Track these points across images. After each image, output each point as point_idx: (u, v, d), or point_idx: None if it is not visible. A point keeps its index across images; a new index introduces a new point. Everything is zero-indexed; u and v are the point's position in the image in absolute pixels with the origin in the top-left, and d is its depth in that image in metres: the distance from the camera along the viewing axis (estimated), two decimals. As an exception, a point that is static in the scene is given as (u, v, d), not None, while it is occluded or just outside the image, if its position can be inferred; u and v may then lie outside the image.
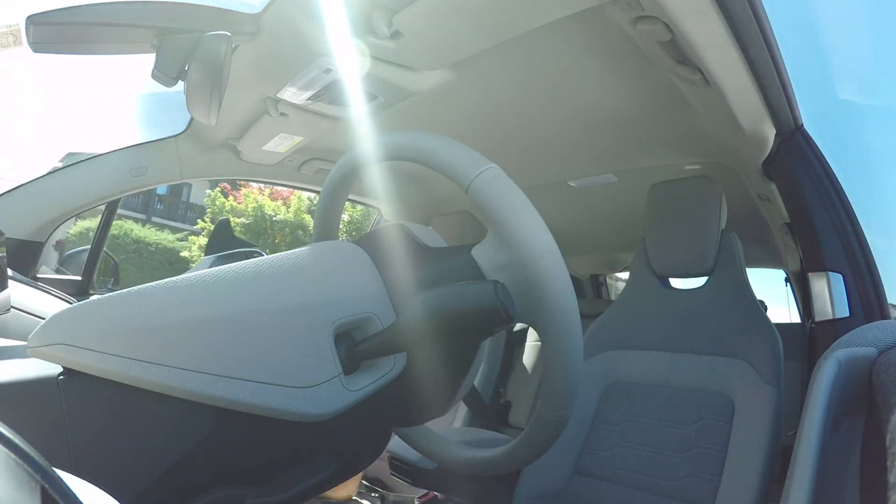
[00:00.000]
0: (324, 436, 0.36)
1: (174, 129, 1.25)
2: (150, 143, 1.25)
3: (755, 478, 0.79)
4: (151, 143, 1.25)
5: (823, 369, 0.42)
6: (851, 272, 0.89)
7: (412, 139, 0.45)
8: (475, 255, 0.43)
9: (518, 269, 0.40)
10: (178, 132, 1.26)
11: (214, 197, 9.53)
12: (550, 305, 0.39)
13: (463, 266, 0.42)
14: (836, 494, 0.40)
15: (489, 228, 0.42)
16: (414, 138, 0.44)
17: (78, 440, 0.27)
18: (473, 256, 0.43)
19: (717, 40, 0.73)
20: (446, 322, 0.35)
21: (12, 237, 1.08)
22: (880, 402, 0.36)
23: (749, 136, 0.97)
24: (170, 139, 1.26)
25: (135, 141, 1.23)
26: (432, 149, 0.43)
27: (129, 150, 1.23)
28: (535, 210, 0.40)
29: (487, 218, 0.41)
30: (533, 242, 0.39)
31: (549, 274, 0.39)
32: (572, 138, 1.24)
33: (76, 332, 0.28)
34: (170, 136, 1.26)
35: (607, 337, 1.10)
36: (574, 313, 0.40)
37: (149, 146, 1.25)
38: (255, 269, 0.35)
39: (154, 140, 1.26)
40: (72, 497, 0.15)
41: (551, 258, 0.39)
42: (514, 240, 0.39)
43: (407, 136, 0.45)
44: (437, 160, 0.43)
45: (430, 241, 0.46)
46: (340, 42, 0.86)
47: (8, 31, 0.80)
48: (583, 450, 1.00)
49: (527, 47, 0.88)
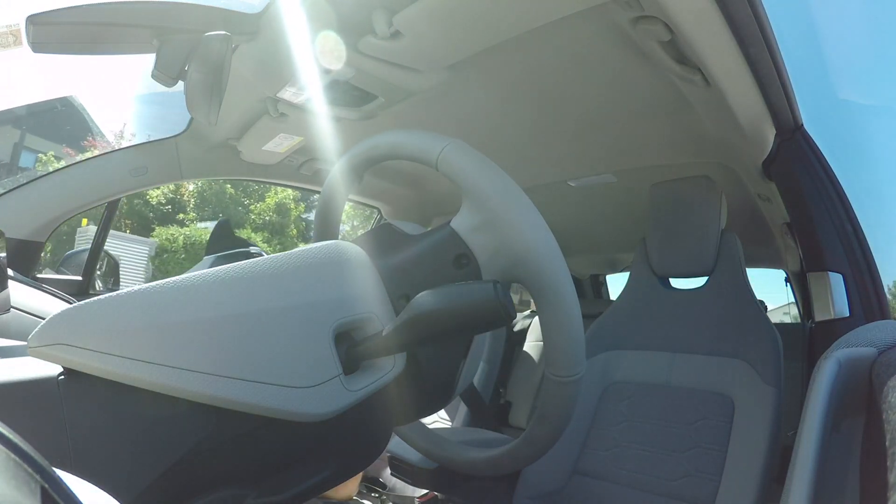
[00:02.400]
0: (324, 436, 0.36)
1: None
2: (150, 143, 1.25)
3: (755, 478, 0.79)
4: (151, 143, 1.25)
5: (823, 369, 0.42)
6: (851, 272, 0.89)
7: (379, 139, 0.48)
8: (453, 224, 0.44)
9: (495, 227, 0.41)
10: (178, 132, 1.26)
11: (47, 161, 8.10)
12: (534, 256, 0.40)
13: (444, 238, 0.43)
14: (836, 494, 0.40)
15: (463, 196, 0.44)
16: (380, 138, 0.48)
17: (78, 440, 0.27)
18: (452, 226, 0.44)
19: (717, 40, 0.73)
20: (446, 321, 0.35)
21: (12, 237, 1.09)
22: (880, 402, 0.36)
23: (749, 136, 0.97)
24: (170, 139, 1.26)
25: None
26: (397, 141, 0.47)
27: (129, 150, 1.23)
28: (502, 171, 0.42)
29: (458, 185, 0.43)
30: (504, 197, 0.40)
31: (527, 224, 0.40)
32: (572, 138, 1.24)
33: (76, 332, 0.28)
34: (170, 136, 1.26)
35: (607, 337, 1.10)
36: (560, 262, 0.41)
37: (149, 146, 1.25)
38: (254, 269, 0.35)
39: (154, 140, 1.26)
40: (72, 497, 0.15)
41: (525, 209, 0.40)
42: (484, 198, 0.41)
43: (375, 139, 0.49)
44: (404, 149, 0.46)
45: (415, 231, 0.47)
46: (340, 42, 0.86)
47: (8, 31, 0.81)
48: (582, 449, 1.00)
49: (527, 47, 0.88)
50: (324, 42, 0.84)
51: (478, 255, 0.42)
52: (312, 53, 0.88)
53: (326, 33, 0.84)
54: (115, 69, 13.08)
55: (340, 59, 0.90)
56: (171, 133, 1.26)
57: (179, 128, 1.25)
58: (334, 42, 0.86)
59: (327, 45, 0.85)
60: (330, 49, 0.87)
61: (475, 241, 0.43)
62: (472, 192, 0.42)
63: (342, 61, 0.90)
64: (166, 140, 1.26)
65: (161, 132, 1.26)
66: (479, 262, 0.42)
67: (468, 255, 0.43)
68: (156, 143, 1.25)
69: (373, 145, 0.49)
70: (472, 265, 0.42)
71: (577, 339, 0.42)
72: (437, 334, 0.35)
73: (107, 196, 1.22)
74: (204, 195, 10.71)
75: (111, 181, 1.20)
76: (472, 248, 0.43)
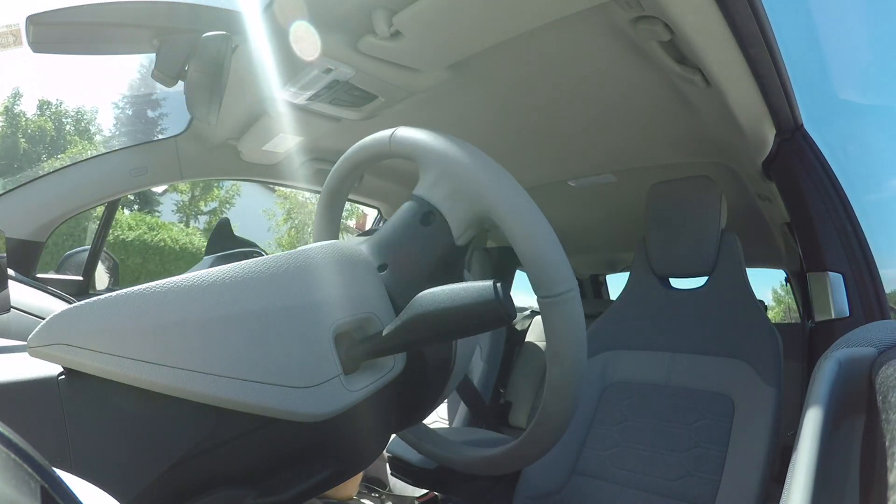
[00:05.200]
0: (324, 436, 0.36)
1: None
2: (150, 143, 1.25)
3: (755, 478, 0.79)
4: (151, 143, 1.25)
5: (823, 369, 0.42)
6: (851, 272, 0.89)
7: (347, 153, 0.53)
8: (415, 192, 0.47)
9: (449, 175, 0.44)
10: (179, 132, 1.26)
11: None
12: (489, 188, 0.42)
13: (409, 206, 0.46)
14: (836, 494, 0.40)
15: (419, 166, 0.47)
16: (348, 152, 0.53)
17: (78, 440, 0.27)
18: (413, 193, 0.47)
19: (717, 40, 0.73)
20: (446, 321, 0.35)
21: (12, 237, 1.08)
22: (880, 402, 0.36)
23: (749, 136, 0.97)
24: (170, 139, 1.26)
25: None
26: (356, 147, 0.52)
27: (129, 150, 1.23)
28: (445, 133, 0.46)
29: (412, 158, 0.47)
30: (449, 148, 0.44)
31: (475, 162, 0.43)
32: (572, 138, 1.24)
33: (76, 332, 0.28)
34: (170, 136, 1.26)
35: (607, 337, 1.10)
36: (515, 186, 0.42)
37: (149, 146, 1.25)
38: (254, 269, 0.35)
39: (154, 140, 1.26)
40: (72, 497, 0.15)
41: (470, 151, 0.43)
42: (434, 155, 0.45)
43: (345, 155, 0.54)
44: (364, 152, 0.51)
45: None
46: (340, 42, 0.86)
47: (8, 31, 0.81)
48: (582, 449, 1.00)
49: (527, 47, 0.88)
50: (324, 42, 0.84)
51: (441, 207, 0.45)
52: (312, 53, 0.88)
53: (326, 33, 0.84)
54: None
55: (340, 58, 0.89)
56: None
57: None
58: (334, 42, 0.86)
59: (327, 44, 0.85)
60: (330, 49, 0.86)
61: (435, 195, 0.45)
62: (422, 155, 0.46)
63: (342, 61, 0.90)
64: (166, 140, 1.26)
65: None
66: (443, 213, 0.44)
67: (433, 212, 0.45)
68: (155, 143, 1.25)
69: (344, 158, 0.53)
70: (438, 218, 0.45)
71: (556, 252, 0.41)
72: (438, 334, 0.35)
73: (107, 196, 1.21)
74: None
75: (111, 181, 1.20)
76: (434, 204, 0.45)
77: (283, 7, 0.81)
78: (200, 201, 12.28)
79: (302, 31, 0.82)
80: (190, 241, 9.84)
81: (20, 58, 2.38)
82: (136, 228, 9.03)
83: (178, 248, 9.47)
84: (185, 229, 10.72)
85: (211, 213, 12.52)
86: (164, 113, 14.23)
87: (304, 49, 0.84)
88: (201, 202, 12.32)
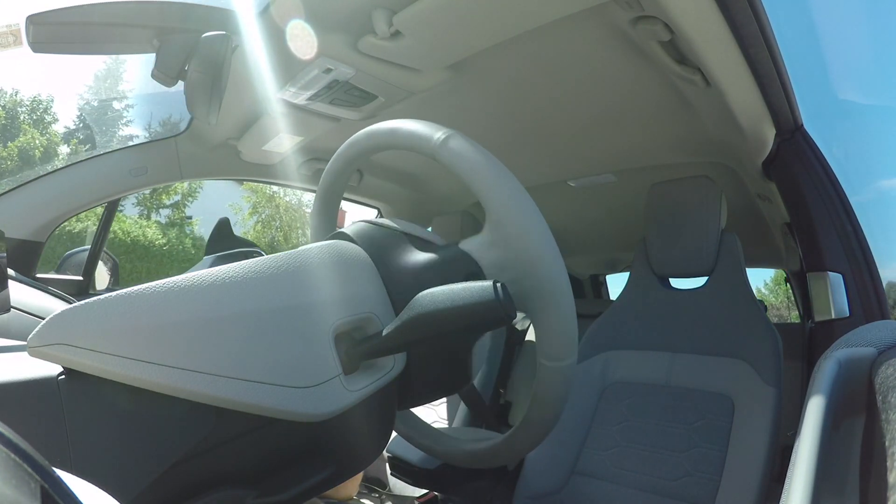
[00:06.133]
0: (324, 436, 0.36)
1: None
2: (150, 143, 1.25)
3: (755, 478, 0.79)
4: (151, 143, 1.25)
5: (823, 369, 0.42)
6: (851, 272, 0.89)
7: (377, 128, 0.49)
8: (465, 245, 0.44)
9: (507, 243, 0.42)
10: (179, 132, 1.26)
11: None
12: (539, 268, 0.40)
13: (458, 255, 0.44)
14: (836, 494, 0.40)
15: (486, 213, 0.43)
16: (378, 126, 0.49)
17: (78, 440, 0.27)
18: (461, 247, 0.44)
19: (717, 40, 0.73)
20: (447, 321, 0.35)
21: (12, 237, 1.08)
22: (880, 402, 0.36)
23: (749, 136, 0.97)
24: (170, 139, 1.26)
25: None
26: (394, 127, 0.47)
27: (128, 150, 1.22)
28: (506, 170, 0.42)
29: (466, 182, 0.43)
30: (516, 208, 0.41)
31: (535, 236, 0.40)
32: (572, 138, 1.24)
33: (76, 332, 0.28)
34: (170, 136, 1.26)
35: (607, 337, 1.10)
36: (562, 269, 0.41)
37: (149, 146, 1.24)
38: (254, 269, 0.35)
39: (154, 140, 1.26)
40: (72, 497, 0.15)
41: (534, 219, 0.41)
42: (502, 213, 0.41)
43: (372, 129, 0.49)
44: (399, 137, 0.47)
45: (435, 239, 0.47)
46: (340, 42, 0.86)
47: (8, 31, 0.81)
48: (582, 450, 1.00)
49: (527, 47, 0.88)
50: (323, 42, 0.84)
51: (487, 271, 0.43)
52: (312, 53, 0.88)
53: (326, 33, 0.84)
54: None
55: (340, 58, 0.89)
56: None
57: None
58: (334, 42, 0.86)
59: (327, 44, 0.85)
60: (329, 49, 0.86)
61: (485, 257, 0.43)
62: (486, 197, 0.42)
63: (342, 61, 0.90)
64: (166, 140, 1.26)
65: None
66: (487, 277, 0.43)
67: (477, 274, 0.43)
68: (155, 143, 1.25)
69: (369, 135, 0.50)
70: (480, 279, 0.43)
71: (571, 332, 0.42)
72: (438, 334, 0.35)
73: (107, 196, 1.21)
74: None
75: (111, 181, 1.20)
76: (482, 266, 0.43)
77: (282, 7, 0.81)
78: (163, 195, 12.09)
79: (300, 30, 0.82)
80: (142, 234, 9.75)
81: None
82: (84, 220, 8.99)
83: (129, 241, 9.40)
84: (140, 222, 10.57)
85: (174, 206, 12.31)
86: (129, 105, 14.02)
87: (302, 48, 0.84)
88: (163, 195, 12.11)
